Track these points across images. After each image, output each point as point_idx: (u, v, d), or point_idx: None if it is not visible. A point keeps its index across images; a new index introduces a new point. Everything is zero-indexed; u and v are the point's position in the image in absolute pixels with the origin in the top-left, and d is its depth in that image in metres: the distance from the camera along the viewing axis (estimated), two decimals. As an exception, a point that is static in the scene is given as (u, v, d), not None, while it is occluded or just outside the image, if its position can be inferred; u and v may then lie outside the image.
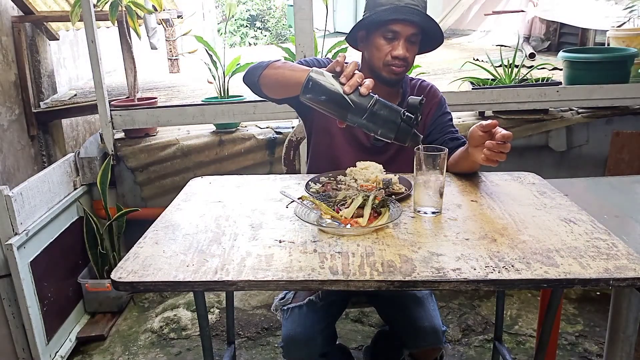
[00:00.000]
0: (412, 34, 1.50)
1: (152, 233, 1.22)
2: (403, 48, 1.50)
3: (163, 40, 5.08)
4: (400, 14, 1.47)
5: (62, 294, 2.37)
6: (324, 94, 1.18)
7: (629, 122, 2.67)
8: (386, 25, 1.49)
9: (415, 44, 1.54)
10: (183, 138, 2.74)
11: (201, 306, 1.25)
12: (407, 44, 1.51)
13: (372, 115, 1.17)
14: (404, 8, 1.47)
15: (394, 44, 1.50)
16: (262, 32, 15.47)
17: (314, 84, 1.18)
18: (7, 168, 3.00)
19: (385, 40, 1.51)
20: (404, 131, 1.17)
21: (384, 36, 1.51)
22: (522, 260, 1.04)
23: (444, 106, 1.69)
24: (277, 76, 1.39)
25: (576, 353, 2.14)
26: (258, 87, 1.45)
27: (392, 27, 1.49)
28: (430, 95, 1.68)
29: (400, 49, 1.50)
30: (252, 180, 1.58)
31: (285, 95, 1.42)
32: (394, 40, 1.50)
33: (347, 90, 1.16)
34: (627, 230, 1.30)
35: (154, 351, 2.29)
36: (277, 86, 1.41)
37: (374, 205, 1.24)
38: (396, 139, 1.19)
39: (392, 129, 1.17)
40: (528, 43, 5.01)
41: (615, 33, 3.15)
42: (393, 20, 1.48)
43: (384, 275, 0.99)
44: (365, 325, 2.38)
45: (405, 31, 1.49)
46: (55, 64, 3.80)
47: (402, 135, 1.18)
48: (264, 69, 1.43)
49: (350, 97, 1.16)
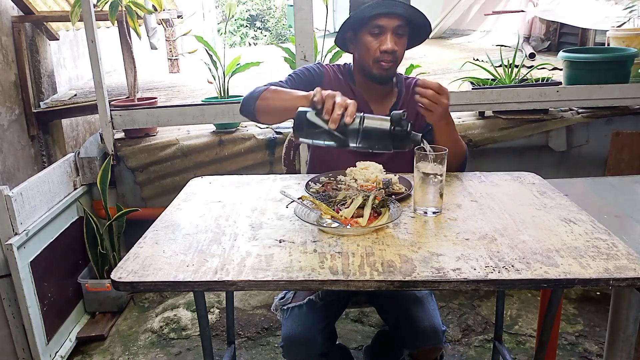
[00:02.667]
0: (397, 25, 1.50)
1: (152, 233, 1.22)
2: (391, 41, 1.51)
3: (163, 40, 5.08)
4: (383, 8, 1.48)
5: (62, 294, 2.37)
6: (313, 136, 1.22)
7: (629, 122, 2.67)
8: (371, 21, 1.50)
9: (403, 35, 1.54)
10: (183, 138, 2.74)
11: (201, 306, 1.26)
12: (395, 37, 1.51)
13: (364, 136, 1.20)
14: (387, 1, 1.48)
15: (381, 38, 1.51)
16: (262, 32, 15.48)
17: (300, 127, 1.23)
18: (7, 168, 3.00)
19: (373, 37, 1.52)
20: (399, 139, 1.20)
21: (370, 33, 1.52)
22: (522, 260, 1.04)
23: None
24: (269, 108, 1.46)
25: (576, 353, 2.14)
26: (256, 119, 1.52)
27: (377, 22, 1.50)
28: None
29: (388, 43, 1.50)
30: (252, 180, 1.58)
31: (282, 120, 1.49)
32: (380, 35, 1.51)
33: (332, 127, 1.19)
34: (627, 230, 1.30)
35: (154, 351, 2.29)
36: (272, 116, 1.49)
37: (374, 205, 1.24)
38: (395, 147, 1.21)
39: (388, 142, 1.20)
40: (528, 43, 5.01)
41: (615, 33, 3.15)
42: (377, 15, 1.49)
43: (384, 275, 0.99)
44: (365, 325, 2.38)
45: (391, 24, 1.50)
46: (55, 64, 3.80)
47: (400, 143, 1.20)
48: (257, 100, 1.48)
49: (337, 131, 1.19)
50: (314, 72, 1.64)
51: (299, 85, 1.58)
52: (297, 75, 1.62)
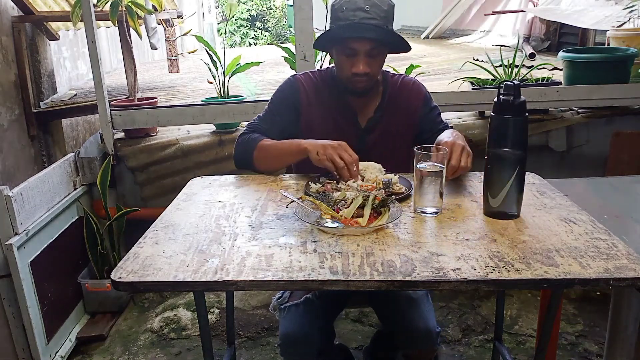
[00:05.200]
0: (371, 48, 1.47)
1: (152, 233, 1.22)
2: (363, 64, 1.48)
3: (163, 40, 5.08)
4: (354, 32, 1.44)
5: (62, 294, 2.37)
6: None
7: (629, 122, 2.66)
8: (343, 42, 1.48)
9: (378, 56, 1.51)
10: (183, 138, 2.74)
11: (201, 306, 1.26)
12: (368, 59, 1.48)
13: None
14: (359, 25, 1.43)
15: (353, 60, 1.48)
16: (262, 32, 15.48)
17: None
18: (7, 168, 3.00)
19: (345, 57, 1.50)
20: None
21: (343, 53, 1.49)
22: (522, 260, 1.04)
23: (429, 101, 1.68)
24: (269, 163, 1.57)
25: (576, 353, 2.14)
26: (257, 171, 1.59)
27: (349, 45, 1.47)
28: (414, 92, 1.66)
29: (360, 66, 1.47)
30: (252, 180, 1.58)
31: (283, 166, 1.61)
32: (353, 57, 1.48)
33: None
34: (627, 230, 1.30)
35: (154, 351, 2.28)
36: (274, 167, 1.60)
37: (374, 205, 1.24)
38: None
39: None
40: (528, 43, 5.01)
41: (615, 33, 3.14)
42: (348, 38, 1.46)
43: (384, 275, 0.99)
44: (365, 325, 2.38)
45: (363, 47, 1.46)
46: (55, 64, 3.80)
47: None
48: (253, 154, 1.54)
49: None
50: (289, 93, 1.64)
51: (277, 117, 1.62)
52: (273, 107, 1.65)
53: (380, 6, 1.45)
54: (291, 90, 1.64)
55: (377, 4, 1.45)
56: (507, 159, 1.19)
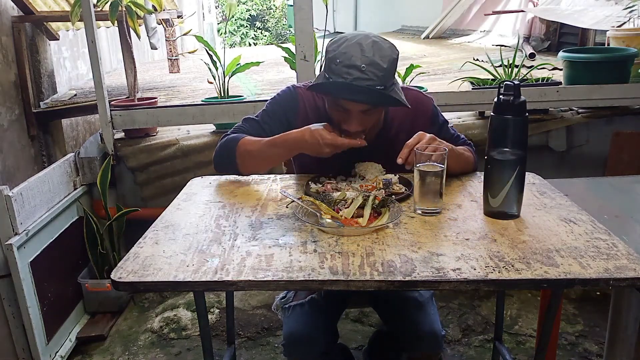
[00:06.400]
0: (364, 110, 1.37)
1: (152, 233, 1.22)
2: (355, 123, 1.38)
3: (163, 40, 5.08)
4: (347, 93, 1.32)
5: (62, 294, 2.37)
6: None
7: (629, 122, 2.66)
8: (335, 100, 1.39)
9: (373, 113, 1.41)
10: (183, 138, 2.74)
11: (201, 306, 1.26)
12: (361, 116, 1.38)
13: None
14: (352, 86, 1.30)
15: (345, 117, 1.39)
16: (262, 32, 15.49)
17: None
18: (7, 168, 3.00)
19: (338, 112, 1.40)
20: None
21: (335, 108, 1.40)
22: (522, 260, 1.04)
23: (437, 118, 1.58)
24: (255, 166, 1.52)
25: (576, 353, 2.14)
26: (243, 174, 1.56)
27: (341, 103, 1.37)
28: (421, 109, 1.56)
29: (352, 124, 1.38)
30: (252, 180, 1.58)
31: (272, 167, 1.56)
32: (345, 115, 1.39)
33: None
34: (627, 230, 1.30)
35: (154, 351, 2.28)
36: (261, 169, 1.56)
37: (374, 205, 1.24)
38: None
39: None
40: (528, 43, 5.01)
41: (615, 33, 3.14)
42: (340, 98, 1.36)
43: (384, 275, 0.99)
44: (365, 325, 2.38)
45: (356, 107, 1.36)
46: (55, 64, 3.80)
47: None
48: (236, 159, 1.48)
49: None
50: (286, 106, 1.55)
51: (273, 122, 1.53)
52: (264, 116, 1.56)
53: (379, 64, 1.30)
54: (289, 105, 1.56)
55: (375, 62, 1.30)
56: (507, 159, 1.19)
